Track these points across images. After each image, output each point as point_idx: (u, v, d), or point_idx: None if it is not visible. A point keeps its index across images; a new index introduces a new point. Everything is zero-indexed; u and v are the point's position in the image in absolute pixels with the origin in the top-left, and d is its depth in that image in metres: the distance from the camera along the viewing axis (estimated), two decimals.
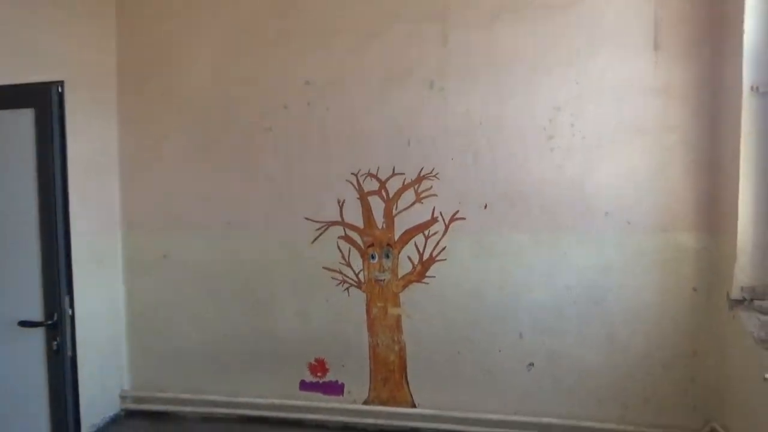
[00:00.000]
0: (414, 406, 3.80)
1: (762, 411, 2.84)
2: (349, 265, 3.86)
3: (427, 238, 3.73)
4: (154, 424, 4.01)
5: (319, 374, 3.94)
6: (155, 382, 4.18)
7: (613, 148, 3.46)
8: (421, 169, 3.70)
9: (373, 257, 3.83)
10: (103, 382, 4.02)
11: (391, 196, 3.77)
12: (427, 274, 3.74)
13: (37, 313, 2.48)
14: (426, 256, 3.74)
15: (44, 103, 2.50)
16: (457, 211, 3.67)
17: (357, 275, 3.85)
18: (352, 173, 3.80)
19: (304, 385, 3.96)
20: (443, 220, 3.70)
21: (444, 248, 3.71)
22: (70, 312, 2.47)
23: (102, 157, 4.03)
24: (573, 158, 3.51)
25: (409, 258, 3.77)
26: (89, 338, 3.83)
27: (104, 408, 4.02)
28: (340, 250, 3.86)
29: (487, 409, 3.66)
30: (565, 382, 3.57)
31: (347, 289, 3.86)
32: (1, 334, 2.51)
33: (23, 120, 2.50)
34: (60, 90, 2.53)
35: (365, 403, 3.88)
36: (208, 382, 4.09)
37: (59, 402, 2.43)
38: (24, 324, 2.46)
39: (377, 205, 3.79)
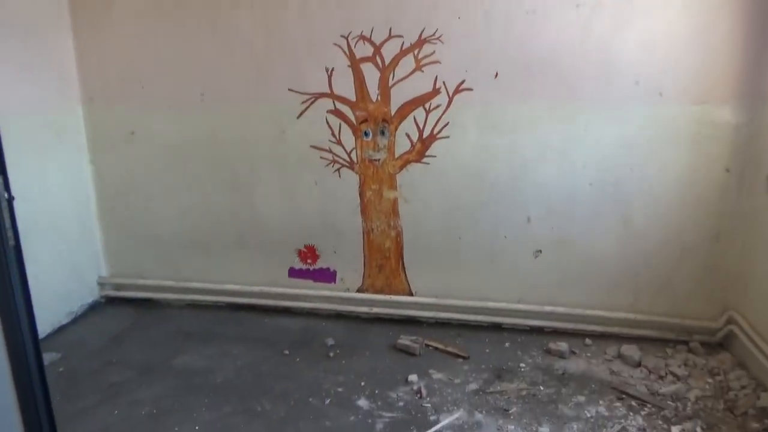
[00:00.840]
0: (411, 294, 3.58)
1: None
2: (339, 143, 3.44)
3: (428, 112, 3.28)
4: (138, 311, 3.82)
5: (309, 261, 3.68)
6: (135, 269, 3.93)
7: (649, 1, 2.90)
8: (422, 30, 3.16)
9: (366, 134, 3.40)
10: (77, 268, 3.77)
11: (387, 63, 3.25)
12: (427, 153, 3.34)
13: None
14: (426, 132, 3.31)
15: None
16: (463, 81, 3.18)
17: (349, 154, 3.45)
18: (341, 36, 3.26)
19: (294, 273, 3.71)
20: (447, 91, 3.22)
21: (447, 124, 3.27)
22: (6, 195, 2.07)
23: (49, 13, 3.44)
24: (601, 15, 2.96)
25: (408, 135, 3.34)
26: (56, 221, 3.58)
27: (81, 295, 3.80)
28: (330, 127, 3.42)
29: (489, 298, 3.44)
30: (575, 269, 3.32)
31: (338, 170, 3.48)
32: None
33: None
34: None
35: (359, 291, 3.65)
36: (191, 269, 3.84)
37: (6, 295, 2.11)
38: None
39: (371, 74, 3.29)
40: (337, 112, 3.39)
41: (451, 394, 2.78)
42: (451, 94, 3.23)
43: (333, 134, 3.43)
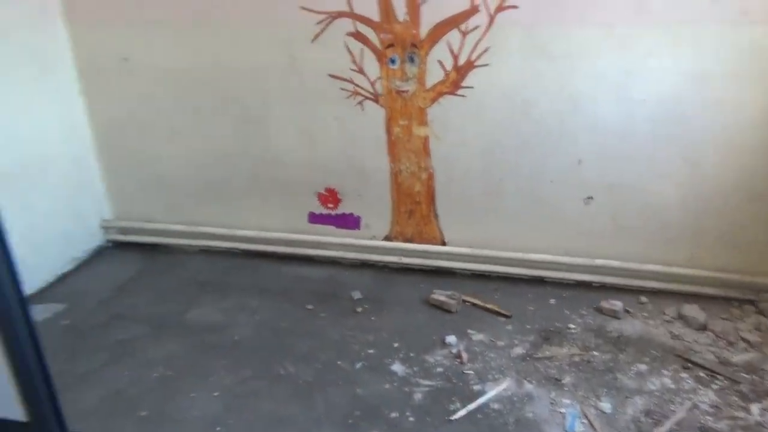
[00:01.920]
0: (444, 243, 3.27)
1: None
2: (362, 71, 3.00)
3: (464, 34, 2.81)
4: (146, 257, 3.55)
5: (330, 205, 3.34)
6: (141, 212, 3.63)
7: None
8: None
9: (393, 61, 2.95)
10: (78, 211, 3.49)
11: None
12: (463, 83, 2.90)
13: None
14: (462, 59, 2.86)
15: None
16: None
17: (373, 85, 3.02)
18: None
19: (314, 218, 3.39)
20: (487, 9, 2.73)
21: (486, 49, 2.81)
22: None
23: None
24: None
25: (441, 62, 2.89)
26: (50, 162, 3.25)
27: (85, 240, 3.54)
28: (350, 52, 2.97)
29: (531, 249, 3.11)
30: (630, 218, 2.97)
31: (361, 102, 3.06)
32: None
33: None
34: None
35: (386, 239, 3.35)
36: (201, 213, 3.54)
37: None
38: None
39: None
40: (358, 35, 2.93)
41: (495, 360, 2.53)
42: (492, 13, 2.74)
43: (354, 61, 2.99)
